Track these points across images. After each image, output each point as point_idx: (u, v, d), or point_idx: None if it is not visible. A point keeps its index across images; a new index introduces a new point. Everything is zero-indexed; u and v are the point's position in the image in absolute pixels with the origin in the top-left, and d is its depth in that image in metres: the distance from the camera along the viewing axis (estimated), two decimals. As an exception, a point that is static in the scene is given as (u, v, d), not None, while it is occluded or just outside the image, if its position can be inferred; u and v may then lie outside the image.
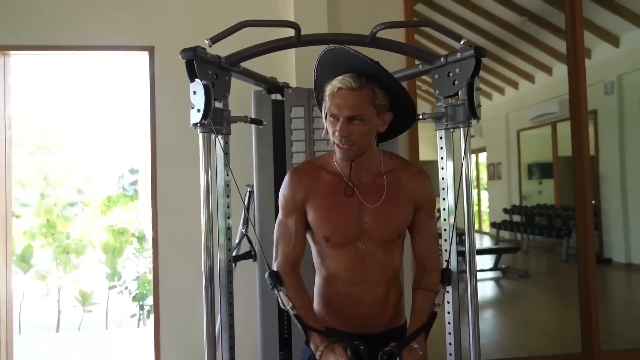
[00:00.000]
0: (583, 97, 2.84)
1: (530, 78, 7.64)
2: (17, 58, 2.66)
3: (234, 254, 2.16)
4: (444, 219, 1.92)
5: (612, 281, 5.35)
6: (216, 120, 1.75)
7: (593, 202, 6.63)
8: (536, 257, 7.27)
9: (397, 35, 2.56)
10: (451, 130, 1.86)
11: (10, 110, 2.59)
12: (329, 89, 1.21)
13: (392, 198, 1.27)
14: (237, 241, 2.23)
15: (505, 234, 8.22)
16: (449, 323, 1.91)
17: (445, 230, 1.92)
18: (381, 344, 1.18)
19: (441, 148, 1.89)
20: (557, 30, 6.00)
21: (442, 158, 1.89)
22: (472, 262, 1.76)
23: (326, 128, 1.25)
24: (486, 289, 5.00)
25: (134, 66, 3.35)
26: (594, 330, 2.75)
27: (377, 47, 1.84)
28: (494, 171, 8.84)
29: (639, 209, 5.75)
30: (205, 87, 1.55)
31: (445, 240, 1.92)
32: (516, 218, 7.94)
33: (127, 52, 2.63)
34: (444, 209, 1.91)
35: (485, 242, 8.79)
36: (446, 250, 1.89)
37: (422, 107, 6.80)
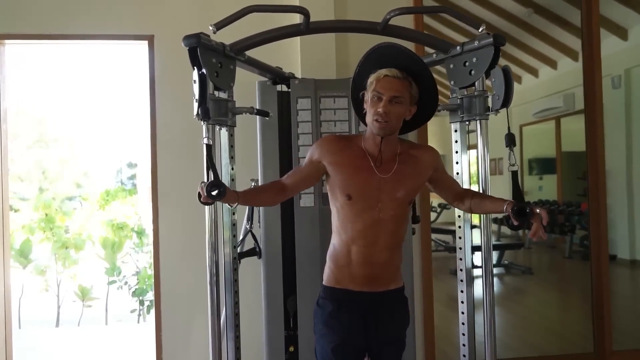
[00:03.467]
0: (598, 90, 2.75)
1: (534, 72, 7.54)
2: (12, 48, 2.56)
3: (238, 251, 2.08)
4: (459, 216, 1.85)
5: (617, 278, 5.30)
6: (220, 111, 1.67)
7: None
8: (538, 254, 7.21)
9: (406, 21, 2.47)
10: (467, 123, 1.78)
11: (5, 103, 2.50)
12: (374, 76, 1.43)
13: (406, 170, 1.49)
14: (241, 237, 2.16)
15: (506, 230, 8.15)
16: (463, 324, 1.84)
17: (459, 227, 1.84)
18: (382, 303, 1.50)
19: (456, 142, 1.81)
20: (564, 23, 5.90)
21: (456, 152, 1.81)
22: (488, 259, 1.71)
23: (364, 111, 1.47)
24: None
25: (134, 57, 3.25)
26: (607, 329, 2.69)
27: (389, 34, 1.76)
28: (495, 167, 8.75)
29: (644, 205, 5.67)
30: (201, 76, 1.46)
31: (460, 237, 1.85)
32: (519, 214, 7.84)
33: (126, 41, 2.53)
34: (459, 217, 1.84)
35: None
36: (460, 248, 1.83)
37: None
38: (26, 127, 11.78)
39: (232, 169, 1.81)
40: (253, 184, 2.15)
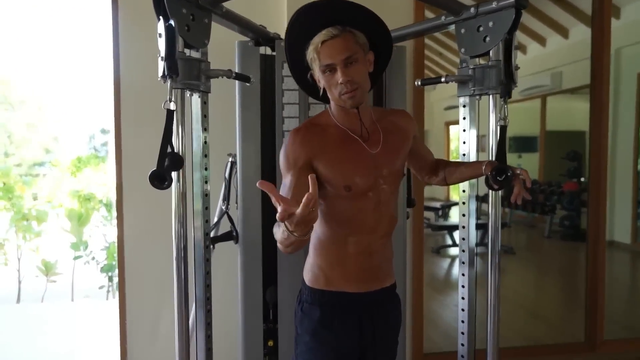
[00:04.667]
0: (606, 65, 2.58)
1: (522, 49, 7.35)
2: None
3: (212, 234, 1.86)
4: (463, 190, 1.66)
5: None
6: (192, 73, 1.40)
7: (582, 179, 6.53)
8: (517, 232, 7.23)
9: None
10: (477, 97, 1.56)
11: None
12: (311, 48, 1.21)
13: (393, 139, 1.33)
14: (215, 220, 1.92)
15: (486, 207, 8.13)
16: (463, 310, 1.68)
17: (464, 203, 1.66)
18: (379, 305, 1.31)
19: (464, 118, 1.59)
20: (556, -2, 5.69)
21: (464, 130, 1.60)
22: (496, 239, 1.56)
23: (322, 89, 1.26)
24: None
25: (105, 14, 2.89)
26: (599, 318, 2.59)
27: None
28: (478, 143, 8.67)
29: (624, 187, 5.68)
30: (168, 27, 1.20)
31: (464, 214, 1.67)
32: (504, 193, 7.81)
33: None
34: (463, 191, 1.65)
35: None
36: (464, 227, 1.65)
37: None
38: (-13, 88, 11.08)
39: (206, 142, 1.55)
40: (230, 159, 1.90)
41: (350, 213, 1.27)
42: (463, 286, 1.70)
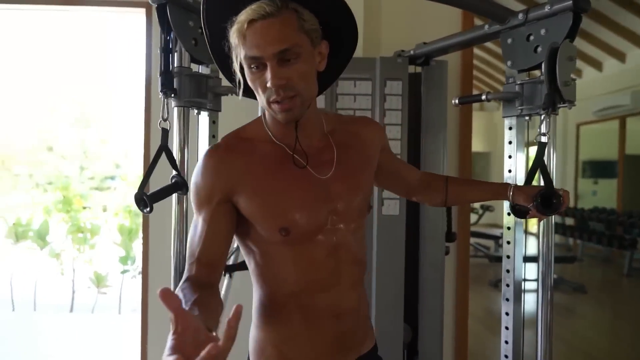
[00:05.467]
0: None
1: (597, 65, 6.75)
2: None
3: (230, 262, 1.74)
4: (508, 213, 1.41)
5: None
6: (199, 90, 1.29)
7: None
8: (590, 268, 6.52)
9: None
10: (526, 118, 1.33)
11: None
12: (235, 30, 0.82)
13: (353, 156, 0.98)
14: (234, 246, 1.80)
15: (554, 238, 7.46)
16: (506, 357, 1.42)
17: (508, 228, 1.40)
18: None
19: (509, 143, 1.35)
20: (637, 9, 5.14)
21: (509, 157, 1.36)
22: (547, 273, 1.28)
23: (248, 87, 0.88)
24: (531, 303, 4.39)
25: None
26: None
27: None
28: (530, 171, 8.05)
29: None
30: (166, 41, 1.10)
31: (509, 242, 1.41)
32: (569, 221, 7.17)
33: (122, 8, 2.21)
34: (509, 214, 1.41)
35: (531, 245, 8.06)
36: (509, 257, 1.40)
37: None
38: (68, 107, 12.03)
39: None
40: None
41: (295, 265, 0.91)
42: (507, 328, 1.44)
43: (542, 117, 1.17)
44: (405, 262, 1.65)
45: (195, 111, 1.33)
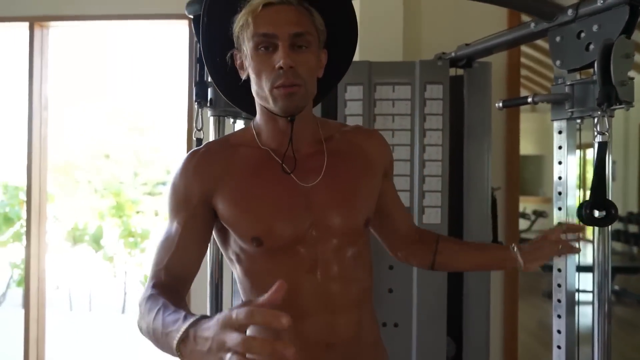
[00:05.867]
0: None
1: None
2: (57, 31, 2.43)
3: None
4: (559, 224, 1.31)
5: None
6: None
7: None
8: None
9: None
10: (577, 121, 1.24)
11: (47, 89, 2.38)
12: (247, 11, 0.79)
13: (346, 165, 0.89)
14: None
15: (616, 246, 6.98)
16: None
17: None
18: None
19: (559, 147, 1.27)
20: None
21: (559, 162, 1.27)
22: (604, 284, 1.19)
23: (241, 81, 0.85)
24: (588, 316, 4.10)
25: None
26: None
27: (467, -5, 1.26)
28: (582, 180, 7.55)
29: None
30: (199, 52, 1.11)
31: (560, 256, 1.32)
32: (632, 228, 6.69)
33: (168, 20, 2.29)
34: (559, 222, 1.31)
35: (589, 253, 7.58)
36: (560, 270, 1.30)
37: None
38: (123, 116, 12.67)
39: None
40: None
41: (274, 281, 0.80)
42: (559, 347, 1.34)
43: (597, 117, 1.08)
44: (448, 277, 1.59)
45: (232, 120, 1.34)
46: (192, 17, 1.19)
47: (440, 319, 1.60)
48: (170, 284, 0.80)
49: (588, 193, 1.11)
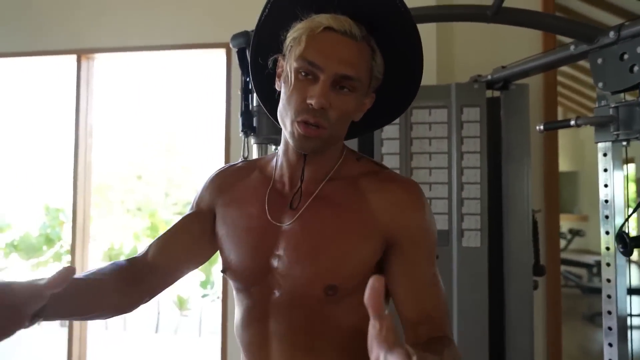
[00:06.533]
0: None
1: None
2: (101, 62, 2.56)
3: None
4: (607, 247, 1.28)
5: None
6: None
7: None
8: None
9: (529, 2, 1.93)
10: (623, 143, 1.22)
11: (92, 117, 2.49)
12: (305, 27, 0.71)
13: (331, 217, 0.74)
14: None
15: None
16: None
17: (608, 265, 1.27)
18: None
19: (605, 170, 1.25)
20: None
21: (605, 185, 1.25)
22: None
23: (277, 94, 0.76)
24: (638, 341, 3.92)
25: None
26: None
27: (504, 21, 1.28)
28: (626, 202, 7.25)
29: None
30: (245, 83, 1.15)
31: (609, 280, 1.28)
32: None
33: (205, 50, 2.37)
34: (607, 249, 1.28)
35: (635, 275, 7.26)
36: (609, 296, 1.26)
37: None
38: (155, 138, 13.07)
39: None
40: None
41: (238, 314, 0.81)
42: (611, 364, 1.28)
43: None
44: (489, 299, 1.56)
45: (274, 147, 1.37)
46: (236, 49, 1.24)
47: (482, 348, 1.57)
48: (139, 262, 0.80)
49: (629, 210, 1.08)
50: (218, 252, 0.83)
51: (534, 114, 1.92)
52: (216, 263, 5.92)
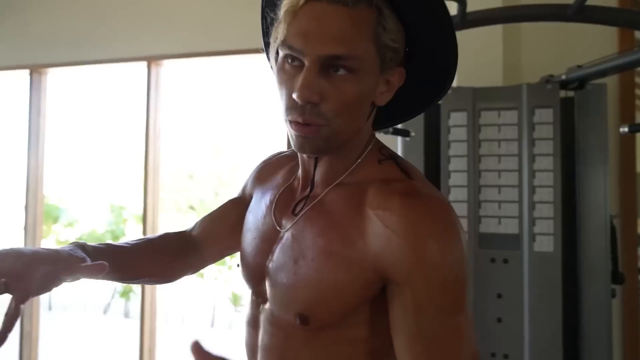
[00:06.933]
0: None
1: None
2: (168, 67, 2.68)
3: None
4: None
5: None
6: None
7: None
8: None
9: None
10: None
11: (160, 120, 2.62)
12: (286, 2, 0.58)
13: (326, 231, 0.61)
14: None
15: None
16: None
17: None
18: None
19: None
20: None
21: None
22: None
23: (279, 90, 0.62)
24: None
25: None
26: None
27: (586, 19, 1.24)
28: None
29: None
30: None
31: None
32: None
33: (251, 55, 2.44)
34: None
35: None
36: None
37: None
38: (206, 138, 13.50)
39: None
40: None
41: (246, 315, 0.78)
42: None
43: None
44: (562, 307, 1.51)
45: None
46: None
47: (555, 352, 1.52)
48: (186, 237, 0.84)
49: None
50: None
51: (611, 116, 1.83)
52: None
